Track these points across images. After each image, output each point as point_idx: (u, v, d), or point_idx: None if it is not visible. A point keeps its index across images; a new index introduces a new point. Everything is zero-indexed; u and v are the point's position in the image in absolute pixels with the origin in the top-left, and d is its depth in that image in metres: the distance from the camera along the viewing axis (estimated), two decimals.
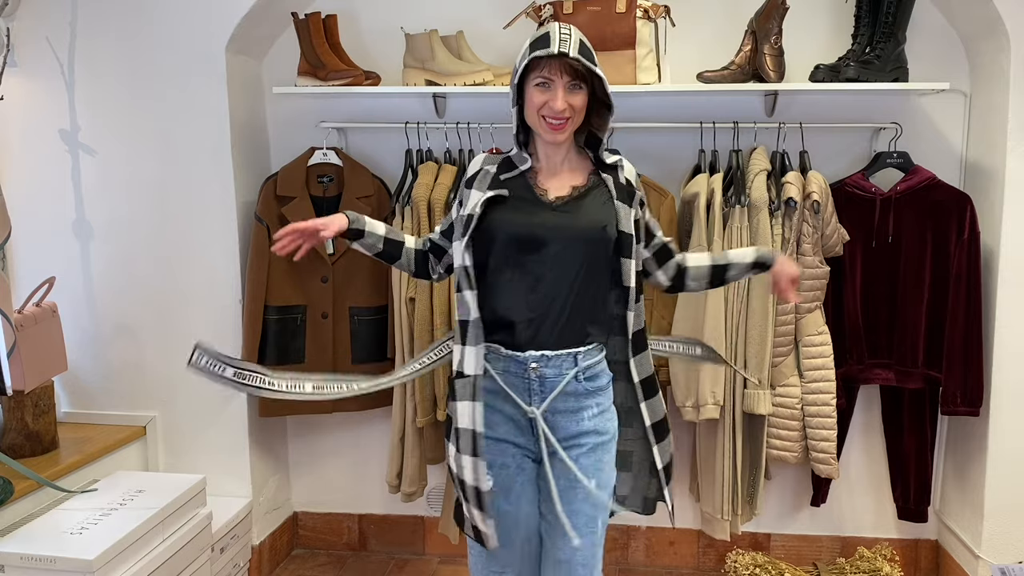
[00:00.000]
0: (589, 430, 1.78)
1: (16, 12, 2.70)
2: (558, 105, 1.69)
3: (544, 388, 1.75)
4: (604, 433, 1.80)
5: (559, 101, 1.69)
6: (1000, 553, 2.57)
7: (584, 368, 1.76)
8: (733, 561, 2.70)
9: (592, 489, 1.77)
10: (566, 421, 1.78)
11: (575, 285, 1.74)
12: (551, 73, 1.69)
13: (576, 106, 1.72)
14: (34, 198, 2.78)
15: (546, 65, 1.68)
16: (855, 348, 2.62)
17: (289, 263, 2.72)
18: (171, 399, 2.82)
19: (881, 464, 2.84)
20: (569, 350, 1.75)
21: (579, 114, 1.74)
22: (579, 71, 1.69)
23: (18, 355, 2.30)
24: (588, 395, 1.78)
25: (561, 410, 1.77)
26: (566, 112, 1.71)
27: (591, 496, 1.77)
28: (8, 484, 2.21)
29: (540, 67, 1.69)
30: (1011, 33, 2.40)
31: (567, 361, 1.75)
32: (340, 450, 3.05)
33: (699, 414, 2.51)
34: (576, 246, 1.74)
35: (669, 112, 2.74)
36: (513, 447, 1.79)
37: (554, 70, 1.68)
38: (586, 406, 1.78)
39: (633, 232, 1.77)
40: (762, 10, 2.51)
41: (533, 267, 1.73)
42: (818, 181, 2.47)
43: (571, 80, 1.70)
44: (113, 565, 2.05)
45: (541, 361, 1.74)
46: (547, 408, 1.76)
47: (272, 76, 2.86)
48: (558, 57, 1.67)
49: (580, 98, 1.72)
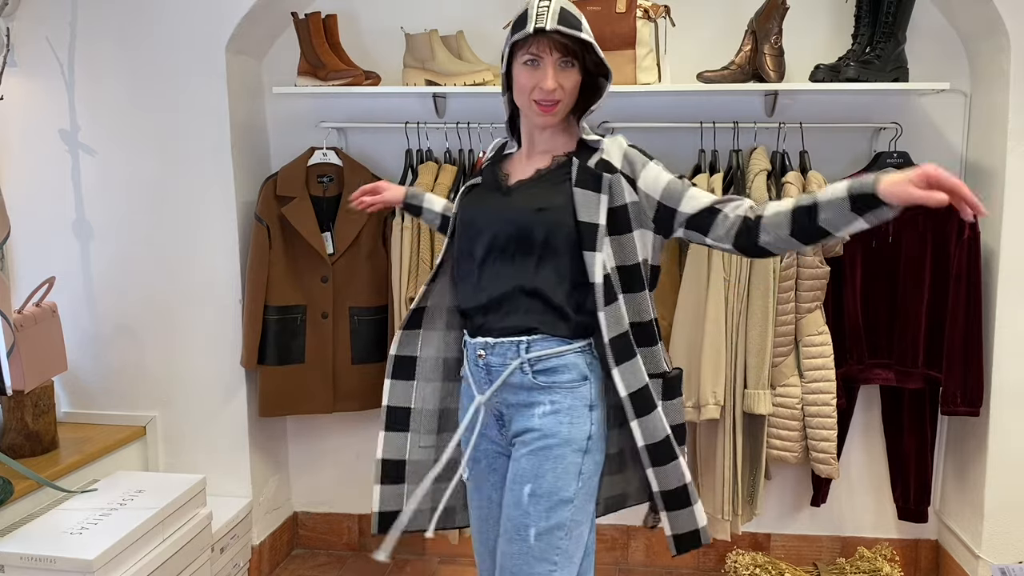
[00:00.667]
0: (535, 427, 1.63)
1: (16, 12, 2.70)
2: (548, 84, 1.58)
3: (491, 377, 1.67)
4: (552, 436, 1.62)
5: (549, 80, 1.57)
6: (1000, 553, 2.57)
7: (532, 359, 1.63)
8: (733, 561, 2.70)
9: (523, 495, 1.60)
10: (519, 416, 1.67)
11: (521, 273, 1.63)
12: (539, 50, 1.57)
13: (567, 87, 1.60)
14: (34, 198, 2.78)
15: (533, 42, 1.57)
16: (855, 348, 2.62)
17: (289, 263, 2.73)
18: (171, 399, 2.82)
19: (881, 464, 2.84)
20: (512, 339, 1.64)
21: (570, 95, 1.63)
22: (569, 46, 1.57)
23: (18, 355, 2.30)
24: (541, 390, 1.64)
25: (514, 403, 1.67)
26: (556, 93, 1.59)
27: (522, 502, 1.60)
28: (8, 484, 2.21)
29: (528, 45, 1.58)
30: (1011, 33, 2.40)
31: (511, 350, 1.64)
32: (340, 450, 3.05)
33: (700, 414, 2.51)
34: (508, 231, 1.63)
35: (669, 112, 2.74)
36: (486, 441, 1.74)
37: (542, 47, 1.57)
38: (538, 401, 1.64)
39: (600, 222, 1.59)
40: (762, 10, 2.51)
41: (477, 254, 1.67)
42: (818, 181, 2.47)
43: (561, 57, 1.58)
44: (113, 565, 2.05)
45: (486, 349, 1.67)
46: (500, 400, 1.68)
47: (272, 76, 2.86)
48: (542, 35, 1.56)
49: (572, 77, 1.61)
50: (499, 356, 1.66)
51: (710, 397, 2.49)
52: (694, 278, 2.52)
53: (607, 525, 2.97)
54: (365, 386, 2.75)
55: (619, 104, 2.75)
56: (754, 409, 2.51)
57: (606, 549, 2.99)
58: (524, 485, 1.61)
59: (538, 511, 1.59)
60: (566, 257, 1.61)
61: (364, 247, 2.73)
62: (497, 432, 1.73)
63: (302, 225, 2.68)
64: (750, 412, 2.52)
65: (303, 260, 2.73)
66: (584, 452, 1.63)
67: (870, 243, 2.59)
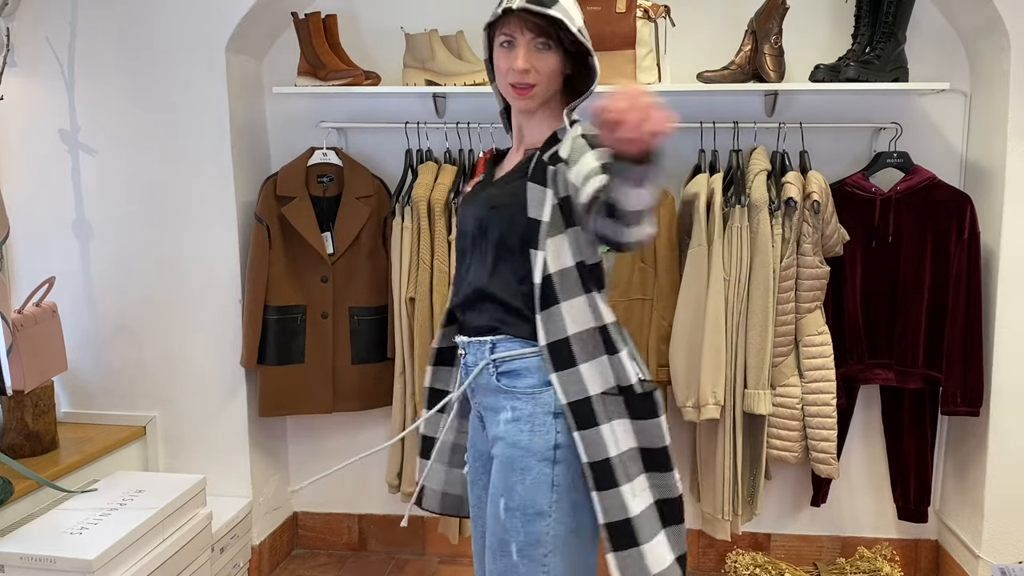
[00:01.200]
0: (500, 436, 1.57)
1: (16, 12, 2.70)
2: (519, 64, 1.51)
3: (467, 376, 1.66)
4: (513, 445, 1.54)
5: (520, 60, 1.51)
6: (1000, 553, 2.57)
7: (498, 360, 1.57)
8: (733, 561, 2.70)
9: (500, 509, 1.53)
10: (490, 420, 1.62)
11: (488, 272, 1.59)
12: (511, 30, 1.52)
13: (542, 70, 1.53)
14: (34, 198, 2.78)
15: (505, 23, 1.52)
16: (855, 348, 2.62)
17: (289, 263, 2.73)
18: (171, 399, 2.82)
19: (881, 464, 2.84)
20: (481, 338, 1.60)
21: (548, 79, 1.55)
22: (542, 27, 1.51)
23: (18, 355, 2.30)
24: (504, 394, 1.58)
25: (487, 406, 1.63)
26: (530, 76, 1.53)
27: (499, 516, 1.53)
28: (8, 484, 2.21)
29: (501, 26, 1.54)
30: (1011, 33, 2.40)
31: (481, 349, 1.60)
32: (340, 450, 3.05)
33: (700, 414, 2.51)
34: (472, 229, 1.61)
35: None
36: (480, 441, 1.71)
37: (514, 27, 1.52)
38: (502, 407, 1.58)
39: (544, 218, 1.51)
40: (762, 10, 2.51)
41: (461, 251, 1.68)
42: (818, 181, 2.47)
43: (535, 37, 1.52)
44: (113, 565, 2.05)
45: (465, 347, 1.65)
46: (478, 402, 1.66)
47: (272, 76, 2.86)
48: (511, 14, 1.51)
49: (548, 60, 1.54)
50: (472, 355, 1.63)
51: (710, 397, 2.49)
52: (694, 278, 2.52)
53: None
54: (365, 386, 2.75)
55: None
56: (754, 409, 2.51)
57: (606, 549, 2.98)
58: (499, 499, 1.54)
59: (515, 525, 1.52)
60: (520, 256, 1.54)
61: (364, 247, 2.73)
62: (483, 434, 1.68)
63: (302, 225, 2.68)
64: (750, 412, 2.52)
65: (303, 260, 2.73)
66: (552, 462, 1.52)
67: (870, 243, 2.59)
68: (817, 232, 2.48)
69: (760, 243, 2.47)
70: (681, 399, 2.54)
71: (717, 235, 2.48)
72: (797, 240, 2.49)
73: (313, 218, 2.70)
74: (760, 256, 2.47)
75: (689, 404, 2.53)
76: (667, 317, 2.62)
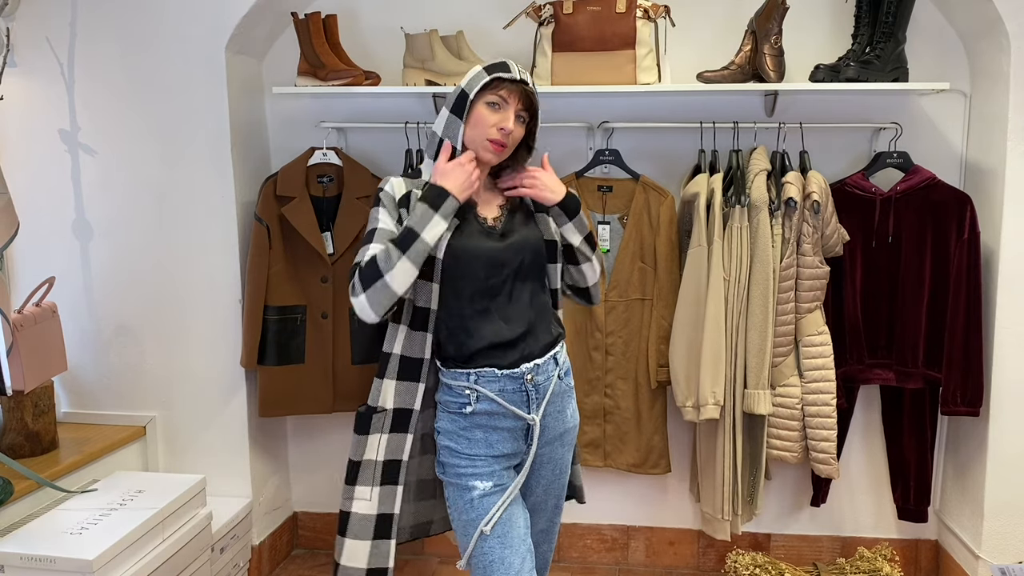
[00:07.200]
0: (572, 426, 1.95)
1: (16, 12, 2.70)
2: (511, 124, 1.76)
3: (539, 394, 1.85)
4: (577, 427, 2.00)
5: (511, 121, 1.76)
6: (1000, 553, 2.57)
7: (563, 365, 1.91)
8: (733, 561, 2.70)
9: (565, 479, 1.99)
10: (554, 422, 1.89)
11: (533, 296, 1.86)
12: (506, 95, 1.76)
13: (516, 136, 1.80)
14: (34, 198, 2.78)
15: (503, 88, 1.76)
16: (855, 348, 2.62)
17: (289, 263, 2.73)
18: (171, 399, 2.82)
19: (881, 464, 2.84)
20: (550, 353, 1.87)
21: (513, 145, 1.82)
22: (528, 104, 1.79)
23: (18, 355, 2.30)
24: (568, 392, 1.93)
25: (550, 412, 1.88)
26: (510, 137, 1.78)
27: (563, 484, 1.98)
28: (8, 484, 2.21)
29: (495, 88, 1.76)
30: (1011, 33, 2.40)
31: (551, 363, 1.87)
32: (340, 450, 3.05)
33: (699, 414, 2.51)
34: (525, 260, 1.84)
35: (669, 112, 2.74)
36: (506, 460, 1.84)
37: (512, 94, 1.77)
38: (568, 403, 1.93)
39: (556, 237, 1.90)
40: (762, 10, 2.51)
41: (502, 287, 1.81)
42: (818, 181, 2.47)
43: (520, 108, 1.79)
44: (113, 565, 2.05)
45: (534, 371, 1.83)
46: (542, 413, 1.85)
47: (272, 76, 2.86)
48: (517, 84, 1.76)
49: (519, 130, 1.81)
50: (544, 373, 1.85)
51: (710, 397, 2.49)
52: (694, 278, 2.52)
53: (607, 525, 2.97)
54: (365, 386, 2.72)
55: (619, 104, 2.75)
56: (754, 409, 2.51)
57: (606, 549, 2.99)
58: (568, 470, 1.98)
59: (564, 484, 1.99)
60: (542, 272, 1.90)
61: None
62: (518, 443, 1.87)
63: (302, 225, 2.68)
64: (750, 412, 2.52)
65: (303, 260, 2.73)
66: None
67: (870, 243, 2.59)
68: (817, 232, 2.48)
69: (760, 243, 2.47)
70: (681, 399, 2.55)
71: (717, 235, 2.49)
72: (797, 240, 2.49)
73: (313, 218, 2.70)
74: (760, 256, 2.47)
75: (689, 404, 2.53)
76: (667, 317, 2.62)
